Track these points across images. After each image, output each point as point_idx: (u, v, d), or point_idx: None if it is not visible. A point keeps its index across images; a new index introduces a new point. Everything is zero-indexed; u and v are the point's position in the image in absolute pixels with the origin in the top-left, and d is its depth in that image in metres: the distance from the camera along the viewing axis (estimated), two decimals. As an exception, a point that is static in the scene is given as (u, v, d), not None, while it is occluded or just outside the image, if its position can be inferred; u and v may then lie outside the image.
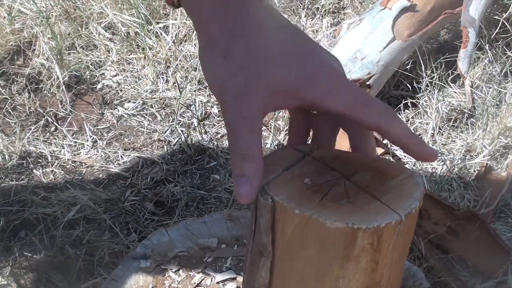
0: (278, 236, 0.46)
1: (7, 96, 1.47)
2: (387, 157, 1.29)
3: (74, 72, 1.52)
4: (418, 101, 1.49)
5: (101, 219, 1.20)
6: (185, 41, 1.62)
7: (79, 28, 1.62)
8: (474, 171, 1.34)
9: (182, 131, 1.40)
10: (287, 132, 1.41)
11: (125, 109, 1.47)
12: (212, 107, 1.48)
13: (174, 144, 1.38)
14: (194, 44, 1.59)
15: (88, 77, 1.54)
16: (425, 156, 0.49)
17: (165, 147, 1.38)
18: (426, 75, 1.48)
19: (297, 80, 0.46)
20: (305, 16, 1.73)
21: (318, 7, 1.76)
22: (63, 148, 1.37)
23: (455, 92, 1.50)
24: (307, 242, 0.45)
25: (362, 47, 1.41)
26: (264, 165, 0.46)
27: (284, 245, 0.46)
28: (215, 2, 0.46)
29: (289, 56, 0.46)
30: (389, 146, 1.31)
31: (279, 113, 1.45)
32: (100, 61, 1.57)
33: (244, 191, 0.45)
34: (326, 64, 0.47)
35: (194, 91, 1.49)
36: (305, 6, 1.76)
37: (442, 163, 1.34)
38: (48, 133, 1.41)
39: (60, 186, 1.28)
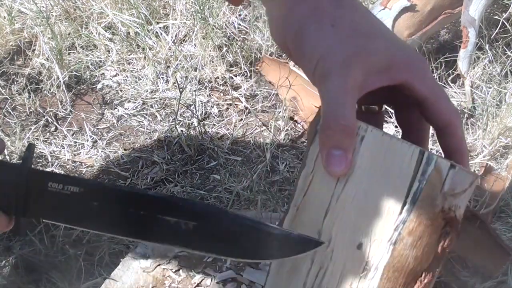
0: None
1: (7, 96, 1.47)
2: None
3: (74, 72, 1.52)
4: (418, 101, 1.49)
5: (101, 219, 1.20)
6: (185, 41, 1.62)
7: (79, 28, 1.62)
8: (474, 171, 1.34)
9: (182, 131, 1.40)
10: (287, 132, 1.41)
11: (125, 109, 1.47)
12: (212, 107, 1.48)
13: (174, 144, 1.38)
14: (194, 44, 1.59)
15: (88, 77, 1.54)
16: None
17: (165, 147, 1.38)
18: (426, 75, 1.48)
19: (393, 60, 0.47)
20: (305, 16, 1.73)
21: (318, 7, 1.75)
22: (63, 148, 1.37)
23: (455, 92, 1.50)
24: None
25: (362, 47, 1.41)
26: None
27: None
28: None
29: (386, 36, 0.48)
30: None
31: (279, 113, 1.44)
32: (100, 61, 1.57)
33: (341, 164, 0.45)
34: (414, 52, 0.50)
35: (194, 91, 1.49)
36: (305, 6, 1.76)
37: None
38: (48, 133, 1.41)
39: (60, 186, 1.27)
